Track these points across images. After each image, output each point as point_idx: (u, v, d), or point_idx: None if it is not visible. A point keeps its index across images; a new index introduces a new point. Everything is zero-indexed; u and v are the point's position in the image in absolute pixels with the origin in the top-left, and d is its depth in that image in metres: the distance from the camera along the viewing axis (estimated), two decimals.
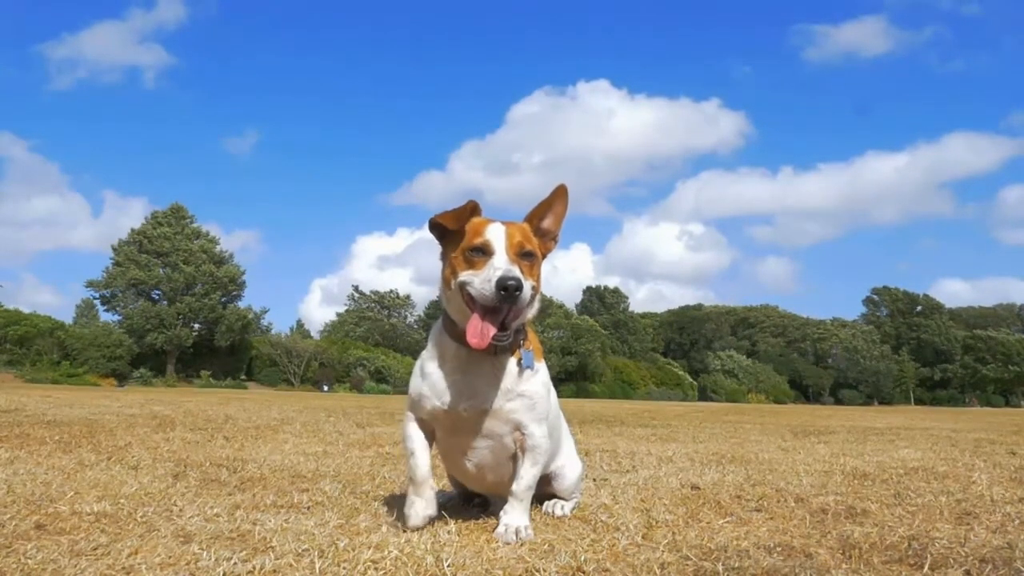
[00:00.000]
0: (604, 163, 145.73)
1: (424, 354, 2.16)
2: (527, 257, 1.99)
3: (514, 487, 2.10)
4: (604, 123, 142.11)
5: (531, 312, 2.06)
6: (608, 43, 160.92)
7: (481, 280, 1.88)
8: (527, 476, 2.10)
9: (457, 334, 2.03)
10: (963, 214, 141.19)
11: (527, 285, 1.89)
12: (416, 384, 2.14)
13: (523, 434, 2.09)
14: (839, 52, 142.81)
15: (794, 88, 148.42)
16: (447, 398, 2.07)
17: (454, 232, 2.01)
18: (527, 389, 2.08)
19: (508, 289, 1.82)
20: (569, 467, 2.43)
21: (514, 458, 2.15)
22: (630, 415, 12.40)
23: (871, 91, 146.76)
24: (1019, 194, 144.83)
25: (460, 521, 2.20)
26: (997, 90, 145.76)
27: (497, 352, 2.04)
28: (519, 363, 2.07)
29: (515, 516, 2.07)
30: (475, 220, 2.02)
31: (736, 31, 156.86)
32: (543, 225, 2.12)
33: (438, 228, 2.04)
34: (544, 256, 2.11)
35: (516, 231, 2.01)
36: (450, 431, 2.13)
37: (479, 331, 1.87)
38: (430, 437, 2.19)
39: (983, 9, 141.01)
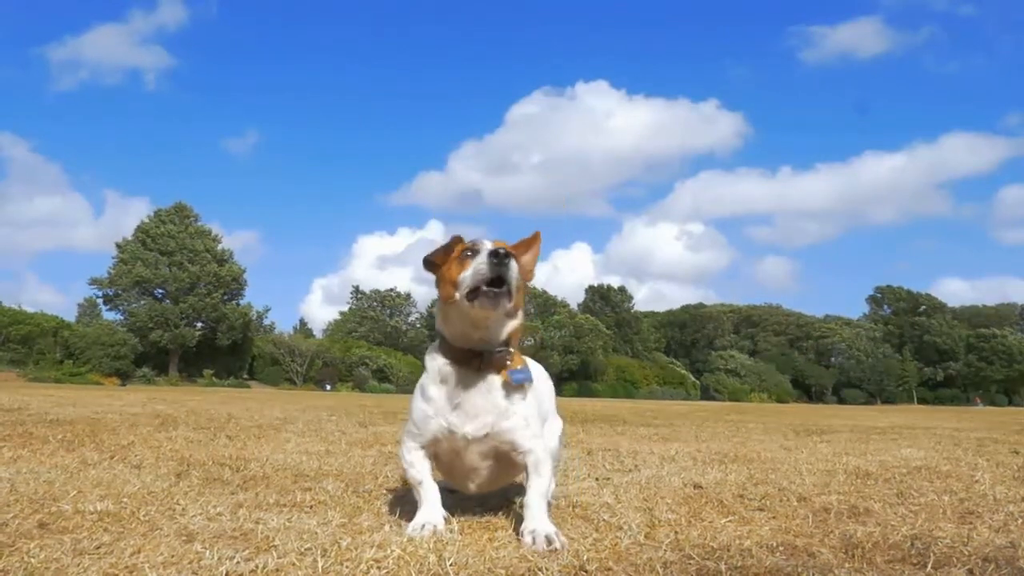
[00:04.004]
0: (603, 163, 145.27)
1: (424, 378, 2.18)
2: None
3: (527, 499, 2.07)
4: (602, 123, 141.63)
5: (514, 323, 2.08)
6: (606, 44, 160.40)
7: (474, 265, 1.96)
8: (538, 486, 2.08)
9: (450, 352, 2.09)
10: (961, 214, 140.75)
11: (512, 264, 1.93)
12: (420, 407, 2.15)
13: (522, 453, 2.10)
14: (835, 53, 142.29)
15: (791, 89, 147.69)
16: (451, 419, 2.09)
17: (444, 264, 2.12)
18: (519, 409, 2.10)
19: (499, 255, 1.91)
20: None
21: (515, 470, 2.18)
22: (633, 414, 12.40)
23: (868, 92, 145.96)
24: (1017, 194, 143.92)
25: (463, 520, 2.21)
26: (994, 91, 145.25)
27: (481, 368, 2.07)
28: (505, 384, 2.09)
29: (539, 522, 2.00)
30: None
31: (733, 32, 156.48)
32: (522, 259, 2.17)
33: (431, 264, 2.13)
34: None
35: (502, 243, 2.07)
36: (452, 453, 2.14)
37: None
38: (431, 459, 2.20)
39: (979, 10, 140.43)
